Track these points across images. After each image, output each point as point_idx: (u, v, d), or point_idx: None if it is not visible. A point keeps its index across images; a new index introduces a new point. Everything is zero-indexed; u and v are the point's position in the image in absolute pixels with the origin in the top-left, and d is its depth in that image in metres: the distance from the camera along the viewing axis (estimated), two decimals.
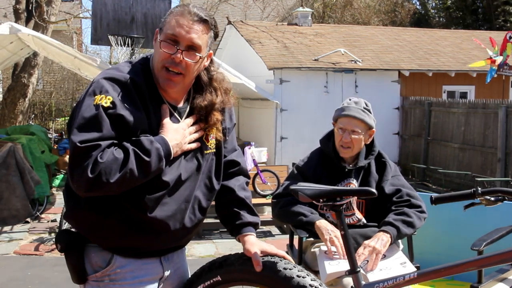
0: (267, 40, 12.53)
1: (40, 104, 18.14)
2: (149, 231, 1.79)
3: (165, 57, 1.77)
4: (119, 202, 1.74)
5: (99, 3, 8.42)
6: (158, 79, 1.79)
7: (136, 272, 1.83)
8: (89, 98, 1.69)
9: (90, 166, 1.61)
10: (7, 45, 8.78)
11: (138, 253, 1.83)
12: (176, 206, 1.82)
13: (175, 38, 1.76)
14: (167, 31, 1.77)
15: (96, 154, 1.62)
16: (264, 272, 1.85)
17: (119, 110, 1.67)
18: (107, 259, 1.80)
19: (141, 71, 1.80)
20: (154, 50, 1.85)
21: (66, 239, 1.83)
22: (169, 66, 1.77)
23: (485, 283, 2.66)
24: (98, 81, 1.73)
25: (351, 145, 2.83)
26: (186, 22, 1.76)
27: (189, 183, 1.85)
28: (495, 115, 9.57)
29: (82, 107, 1.69)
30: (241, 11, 19.98)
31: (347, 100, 2.92)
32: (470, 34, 15.10)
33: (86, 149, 1.62)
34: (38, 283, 5.11)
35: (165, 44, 1.77)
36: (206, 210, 1.96)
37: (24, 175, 7.27)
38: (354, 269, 2.05)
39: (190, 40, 1.76)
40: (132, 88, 1.73)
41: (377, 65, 12.03)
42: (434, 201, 2.20)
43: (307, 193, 2.03)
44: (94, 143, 1.63)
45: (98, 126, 1.65)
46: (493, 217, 3.15)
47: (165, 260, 1.91)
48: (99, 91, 1.70)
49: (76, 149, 1.63)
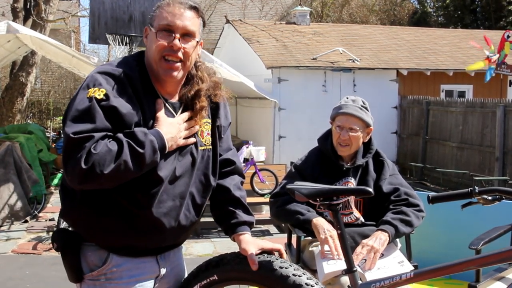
0: (265, 39, 12.53)
1: (38, 103, 18.11)
2: (145, 229, 1.79)
3: (163, 46, 1.77)
4: (115, 200, 1.74)
5: (97, 2, 8.40)
6: (158, 71, 1.79)
7: (133, 271, 1.82)
8: (83, 92, 1.70)
9: (83, 157, 1.60)
10: (4, 43, 8.77)
11: (134, 251, 1.82)
12: (171, 203, 1.81)
13: (169, 27, 1.77)
14: (160, 23, 1.78)
15: (89, 145, 1.62)
16: (260, 271, 1.85)
17: (112, 102, 1.67)
18: (103, 258, 1.80)
19: (135, 65, 1.80)
20: (147, 45, 1.84)
21: (63, 238, 1.83)
22: (168, 55, 1.78)
23: (483, 282, 2.66)
24: (92, 75, 1.74)
25: (349, 142, 2.83)
26: (177, 11, 1.79)
27: (184, 179, 1.85)
28: (493, 114, 9.58)
29: (76, 100, 1.69)
30: (239, 10, 19.97)
31: (344, 99, 2.92)
32: (468, 34, 15.11)
33: (79, 140, 1.62)
34: (36, 282, 5.10)
35: (160, 34, 1.77)
36: (202, 208, 1.95)
37: (22, 174, 7.26)
38: (351, 268, 2.04)
39: (184, 27, 1.78)
40: (126, 81, 1.73)
41: (375, 64, 12.03)
42: (431, 200, 2.20)
43: (303, 192, 2.02)
44: (88, 134, 1.63)
45: (92, 117, 1.65)
46: (490, 216, 3.15)
47: (161, 258, 1.90)
48: (92, 84, 1.70)
49: (69, 140, 1.63)
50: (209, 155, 1.94)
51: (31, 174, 7.43)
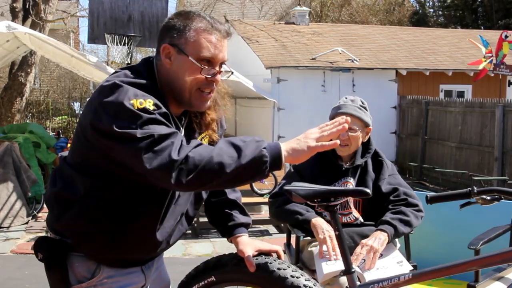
0: (264, 39, 12.53)
1: (36, 103, 18.09)
2: (141, 246, 1.76)
3: (202, 80, 1.68)
4: (117, 217, 1.68)
5: (96, 2, 8.41)
6: (190, 100, 1.70)
7: (121, 282, 1.79)
8: (127, 103, 1.54)
9: (173, 148, 1.50)
10: (3, 43, 8.76)
11: (122, 263, 1.79)
12: (172, 222, 1.79)
13: (211, 59, 1.68)
14: (201, 54, 1.66)
15: (177, 140, 1.52)
16: (258, 272, 1.85)
17: (163, 109, 1.59)
18: (92, 270, 1.74)
19: (149, 79, 1.68)
20: (173, 68, 1.69)
21: (49, 249, 1.73)
22: (204, 89, 1.70)
23: (482, 282, 2.65)
24: (121, 86, 1.58)
25: (349, 142, 2.82)
26: (217, 41, 1.69)
27: (184, 197, 1.81)
28: (492, 114, 9.58)
29: (122, 111, 1.53)
30: (238, 9, 19.96)
31: (343, 99, 2.92)
32: (467, 34, 15.12)
33: (164, 136, 1.52)
34: (35, 282, 5.09)
35: (199, 67, 1.66)
36: (193, 218, 1.94)
37: (20, 174, 7.25)
38: (349, 269, 2.04)
39: (223, 58, 1.72)
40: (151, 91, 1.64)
41: (374, 64, 12.04)
42: (429, 200, 2.19)
43: (300, 193, 2.01)
44: (172, 131, 1.54)
45: (163, 123, 1.56)
46: (489, 216, 3.14)
47: (146, 268, 1.88)
48: (132, 95, 1.56)
49: (151, 138, 1.50)
50: None
51: (30, 174, 7.42)
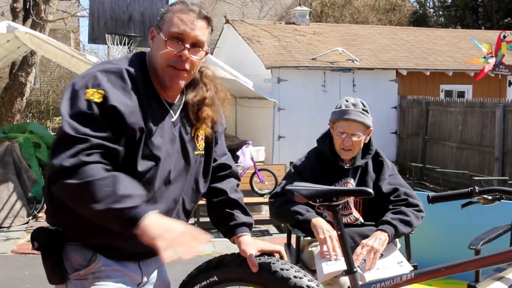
0: (265, 39, 12.52)
1: (37, 103, 18.09)
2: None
3: (171, 55, 1.74)
4: None
5: (97, 2, 8.42)
6: (163, 77, 1.77)
7: (120, 272, 1.80)
8: (82, 91, 1.65)
9: (71, 157, 1.57)
10: (4, 43, 8.76)
11: (118, 255, 1.79)
12: (164, 206, 1.79)
13: (180, 36, 1.74)
14: (170, 29, 1.75)
15: (83, 147, 1.58)
16: (260, 272, 1.84)
17: (111, 102, 1.64)
18: (87, 258, 1.76)
19: (138, 65, 1.77)
20: (153, 49, 1.80)
21: (45, 237, 1.77)
22: (175, 65, 1.75)
23: (482, 282, 2.66)
24: (92, 73, 1.69)
25: (352, 147, 2.82)
26: (189, 19, 1.75)
27: (178, 183, 1.83)
28: (493, 114, 9.57)
29: (74, 97, 1.65)
30: (238, 9, 19.97)
31: (344, 102, 2.87)
32: (467, 34, 15.11)
33: (74, 139, 1.59)
34: (35, 282, 5.10)
35: (170, 42, 1.74)
36: (191, 213, 1.94)
37: (21, 174, 7.26)
38: (351, 269, 2.04)
39: (195, 37, 1.76)
40: (128, 79, 1.70)
41: (374, 64, 12.03)
42: (431, 200, 2.20)
43: (302, 193, 2.01)
44: (84, 136, 1.60)
45: (89, 122, 1.62)
46: (490, 216, 3.15)
47: (143, 265, 1.88)
48: (91, 84, 1.66)
49: (65, 136, 1.60)
50: (201, 160, 1.93)
51: (30, 174, 7.42)
